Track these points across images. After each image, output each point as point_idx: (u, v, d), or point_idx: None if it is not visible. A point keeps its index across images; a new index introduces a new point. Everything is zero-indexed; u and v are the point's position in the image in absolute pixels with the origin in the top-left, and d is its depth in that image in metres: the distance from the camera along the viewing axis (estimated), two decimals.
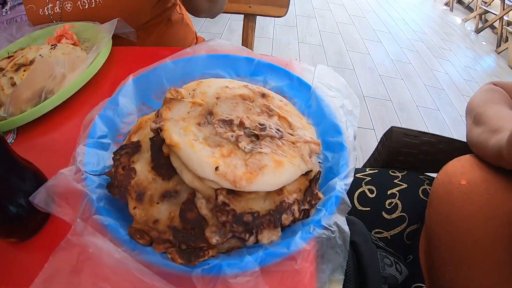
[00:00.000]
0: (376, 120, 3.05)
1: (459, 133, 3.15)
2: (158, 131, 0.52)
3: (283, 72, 0.78)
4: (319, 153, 0.57)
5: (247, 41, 1.65)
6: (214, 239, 0.46)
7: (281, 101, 0.64)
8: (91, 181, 0.53)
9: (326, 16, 5.01)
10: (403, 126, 2.85)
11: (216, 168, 0.46)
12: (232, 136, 0.52)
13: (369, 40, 4.52)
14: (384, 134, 1.12)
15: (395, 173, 1.02)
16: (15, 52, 1.01)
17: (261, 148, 0.51)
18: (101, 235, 0.45)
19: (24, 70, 0.86)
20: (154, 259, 0.45)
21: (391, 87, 3.59)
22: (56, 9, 1.14)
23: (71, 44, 1.01)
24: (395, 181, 0.98)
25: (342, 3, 5.58)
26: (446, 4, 6.87)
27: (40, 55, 0.90)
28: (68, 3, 1.12)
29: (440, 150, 1.05)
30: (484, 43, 5.54)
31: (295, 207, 0.51)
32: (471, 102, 0.94)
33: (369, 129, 2.93)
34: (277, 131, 0.55)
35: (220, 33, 3.90)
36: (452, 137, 1.04)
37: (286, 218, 0.50)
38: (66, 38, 1.04)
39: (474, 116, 0.88)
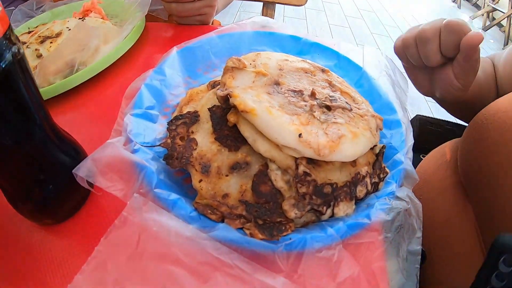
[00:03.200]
0: None
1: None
2: (226, 99, 0.47)
3: (330, 52, 0.75)
4: (382, 128, 0.55)
5: None
6: (293, 213, 0.42)
7: (338, 77, 0.61)
8: (144, 153, 0.48)
9: (335, 9, 4.97)
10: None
11: (300, 135, 0.42)
12: (306, 106, 0.48)
13: (378, 34, 4.48)
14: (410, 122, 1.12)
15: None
16: (36, 27, 0.96)
17: (335, 118, 0.48)
18: (165, 211, 0.41)
19: (51, 42, 0.81)
20: (230, 236, 0.40)
21: None
22: None
23: (100, 17, 0.96)
24: None
25: None
26: (454, 1, 6.83)
27: (68, 27, 0.85)
28: None
29: None
30: (492, 41, 5.50)
31: (367, 180, 0.49)
32: None
33: None
34: (346, 103, 0.52)
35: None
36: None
37: (360, 190, 0.48)
38: (93, 13, 0.98)
39: None
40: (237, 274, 0.38)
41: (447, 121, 1.13)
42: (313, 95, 0.50)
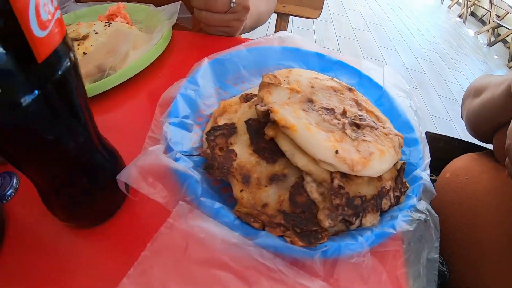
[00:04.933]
0: None
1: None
2: (265, 114, 0.50)
3: (352, 70, 0.78)
4: (403, 146, 0.59)
5: None
6: (327, 222, 0.45)
7: (362, 96, 0.64)
8: (184, 161, 0.50)
9: (342, 21, 5.02)
10: None
11: (336, 152, 0.46)
12: (338, 123, 0.51)
13: (385, 48, 4.53)
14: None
15: (432, 176, 1.03)
16: None
17: (364, 136, 0.52)
18: (211, 219, 0.43)
19: (78, 45, 0.81)
20: (273, 243, 0.42)
21: None
22: None
23: (125, 22, 0.97)
24: None
25: (358, 9, 5.59)
26: (460, 16, 6.89)
27: (95, 31, 0.85)
28: None
29: None
30: (496, 56, 5.56)
31: (391, 193, 0.53)
32: (468, 87, 1.03)
33: None
34: (373, 122, 0.56)
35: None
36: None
37: (385, 203, 0.52)
38: (118, 17, 0.99)
39: (473, 93, 0.96)
40: (280, 278, 0.41)
41: (455, 138, 1.17)
42: (344, 113, 0.53)
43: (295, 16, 1.57)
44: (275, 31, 1.59)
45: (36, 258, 0.45)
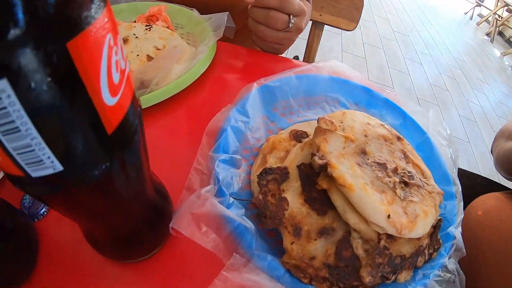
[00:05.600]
0: None
1: (485, 169, 3.17)
2: (323, 166, 0.51)
3: (398, 110, 0.78)
4: (442, 202, 0.59)
5: (311, 48, 1.64)
6: (368, 279, 0.46)
7: (408, 144, 0.64)
8: (237, 208, 0.50)
9: (370, 28, 4.98)
10: None
11: (388, 216, 0.46)
12: (390, 182, 0.51)
13: (410, 60, 4.49)
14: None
15: None
16: None
17: (412, 196, 0.52)
18: (262, 273, 0.44)
19: None
20: None
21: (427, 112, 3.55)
22: None
23: (166, 26, 0.93)
24: None
25: (386, 17, 5.54)
26: (487, 35, 6.82)
27: (134, 34, 0.84)
28: None
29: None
30: None
31: (426, 251, 0.54)
32: (504, 127, 1.05)
33: None
34: (420, 179, 0.56)
35: None
36: (479, 172, 1.09)
37: (420, 261, 0.53)
38: (159, 20, 0.96)
39: (507, 134, 1.00)
40: None
41: (477, 174, 1.17)
42: (395, 170, 0.54)
43: (330, 26, 1.56)
44: (308, 39, 1.62)
45: (70, 283, 0.45)
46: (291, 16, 0.83)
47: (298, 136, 0.63)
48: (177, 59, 0.79)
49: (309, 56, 1.67)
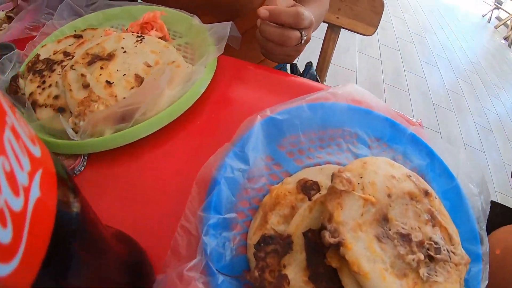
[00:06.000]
0: None
1: (499, 180, 3.07)
2: (336, 245, 0.41)
3: (424, 148, 0.67)
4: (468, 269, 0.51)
5: (326, 52, 1.55)
6: None
7: (436, 198, 0.54)
8: (225, 285, 0.42)
9: (387, 28, 4.87)
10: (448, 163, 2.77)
11: None
12: (413, 261, 0.43)
13: (426, 63, 4.38)
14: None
15: None
16: (84, 30, 0.87)
17: (436, 275, 0.44)
18: None
19: (101, 68, 0.69)
20: None
21: (442, 118, 3.47)
22: None
23: (160, 37, 0.85)
24: None
25: (403, 17, 5.42)
26: (505, 39, 6.67)
27: (123, 48, 0.74)
28: None
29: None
30: None
31: None
32: None
33: None
34: (447, 251, 0.48)
35: None
36: (493, 184, 1.01)
37: None
38: (154, 29, 0.87)
39: None
40: None
41: (498, 203, 1.09)
42: (421, 244, 0.45)
43: (347, 29, 1.48)
44: (323, 43, 1.54)
45: None
46: (303, 32, 0.79)
47: (307, 188, 0.52)
48: (168, 82, 0.69)
49: (323, 61, 1.57)
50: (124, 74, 0.68)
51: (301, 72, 1.35)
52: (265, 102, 0.69)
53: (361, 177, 0.47)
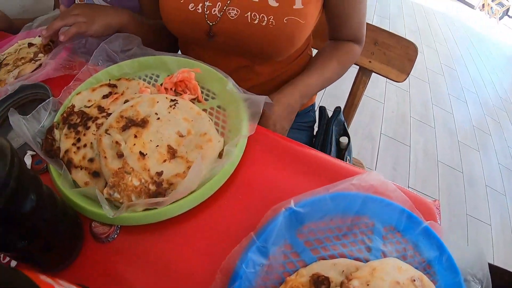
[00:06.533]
0: (443, 190, 2.93)
1: None
2: None
3: (436, 242, 0.69)
4: None
5: (355, 95, 1.56)
6: None
7: None
8: None
9: (418, 59, 4.80)
10: (469, 203, 2.74)
11: None
12: None
13: (455, 97, 4.31)
14: None
15: None
16: (119, 80, 0.90)
17: None
18: None
19: (135, 136, 0.72)
20: None
21: (466, 156, 3.42)
22: (215, 11, 0.98)
23: (194, 97, 0.88)
24: None
25: (435, 47, 5.36)
26: None
27: (156, 114, 0.77)
28: (233, 10, 0.97)
29: None
30: None
31: None
32: None
33: (434, 199, 2.77)
34: None
35: None
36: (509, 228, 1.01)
37: None
38: (187, 88, 0.89)
39: None
40: None
41: (507, 270, 1.08)
42: None
43: (379, 74, 1.48)
44: (353, 86, 1.55)
45: None
46: None
47: (318, 283, 0.57)
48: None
49: (351, 104, 1.59)
50: (157, 146, 0.72)
51: (330, 116, 1.39)
52: (293, 183, 0.74)
53: (368, 285, 0.51)
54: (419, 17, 5.82)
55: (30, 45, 1.20)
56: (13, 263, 0.63)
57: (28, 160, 0.78)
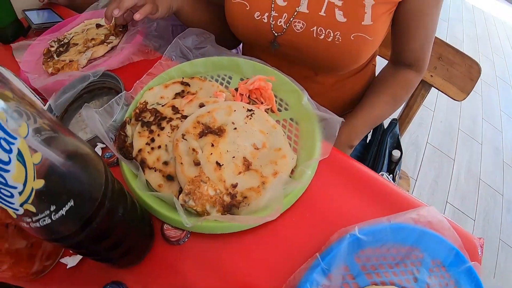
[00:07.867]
0: (480, 212, 2.86)
1: None
2: None
3: (476, 282, 0.72)
4: None
5: (411, 108, 1.56)
6: None
7: None
8: None
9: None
10: (504, 228, 2.66)
11: None
12: None
13: (507, 114, 4.13)
14: None
15: None
16: (192, 78, 0.91)
17: None
18: None
19: (212, 145, 0.74)
20: None
21: (509, 180, 3.30)
22: (280, 22, 1.00)
23: (268, 107, 0.89)
24: None
25: (492, 58, 5.14)
26: None
27: (233, 123, 0.78)
28: (299, 22, 0.98)
29: None
30: None
31: None
32: None
33: (470, 218, 2.75)
34: None
35: None
36: None
37: None
38: (262, 97, 0.90)
39: None
40: None
41: None
42: None
43: (437, 89, 1.48)
44: (411, 98, 1.53)
45: None
46: None
47: None
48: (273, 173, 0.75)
49: (406, 116, 1.58)
50: (233, 157, 0.74)
51: (385, 128, 1.40)
52: (357, 207, 0.77)
53: None
54: (478, 24, 5.58)
55: (98, 26, 1.22)
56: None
57: (98, 152, 0.80)
